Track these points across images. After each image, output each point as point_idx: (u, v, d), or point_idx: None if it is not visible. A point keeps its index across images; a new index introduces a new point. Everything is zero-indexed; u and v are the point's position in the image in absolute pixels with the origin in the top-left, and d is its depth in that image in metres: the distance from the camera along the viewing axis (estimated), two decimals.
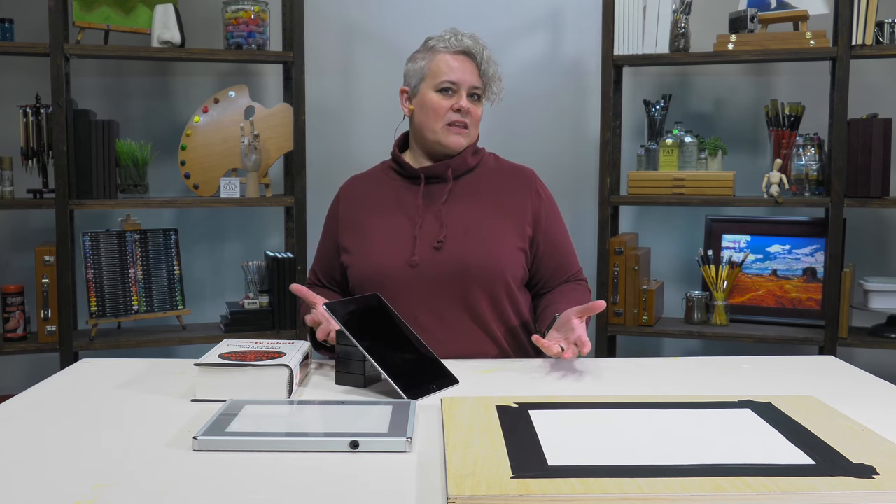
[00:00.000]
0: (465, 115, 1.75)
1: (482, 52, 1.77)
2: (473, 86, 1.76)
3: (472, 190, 1.79)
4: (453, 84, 1.75)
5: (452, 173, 1.78)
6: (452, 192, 1.77)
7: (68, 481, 1.03)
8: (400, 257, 1.71)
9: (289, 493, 1.00)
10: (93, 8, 2.82)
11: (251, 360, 1.42)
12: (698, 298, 2.99)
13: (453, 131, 1.75)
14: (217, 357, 1.44)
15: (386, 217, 1.78)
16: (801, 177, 2.88)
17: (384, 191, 1.82)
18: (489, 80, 1.78)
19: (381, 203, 1.80)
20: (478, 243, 1.71)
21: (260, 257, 3.13)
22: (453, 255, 1.70)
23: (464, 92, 1.75)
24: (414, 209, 1.76)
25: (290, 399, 1.39)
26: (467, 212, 1.75)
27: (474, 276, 1.69)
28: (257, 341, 1.57)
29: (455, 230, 1.72)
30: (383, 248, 1.73)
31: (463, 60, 1.76)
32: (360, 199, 1.84)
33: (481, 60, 1.76)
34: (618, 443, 1.11)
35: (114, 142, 2.82)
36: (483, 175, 1.81)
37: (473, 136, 1.80)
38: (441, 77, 1.75)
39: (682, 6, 2.90)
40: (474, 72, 1.76)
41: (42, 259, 2.77)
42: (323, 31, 3.23)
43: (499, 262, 1.71)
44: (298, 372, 1.46)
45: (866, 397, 1.44)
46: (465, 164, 1.79)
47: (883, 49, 2.74)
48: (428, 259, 1.70)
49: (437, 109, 1.75)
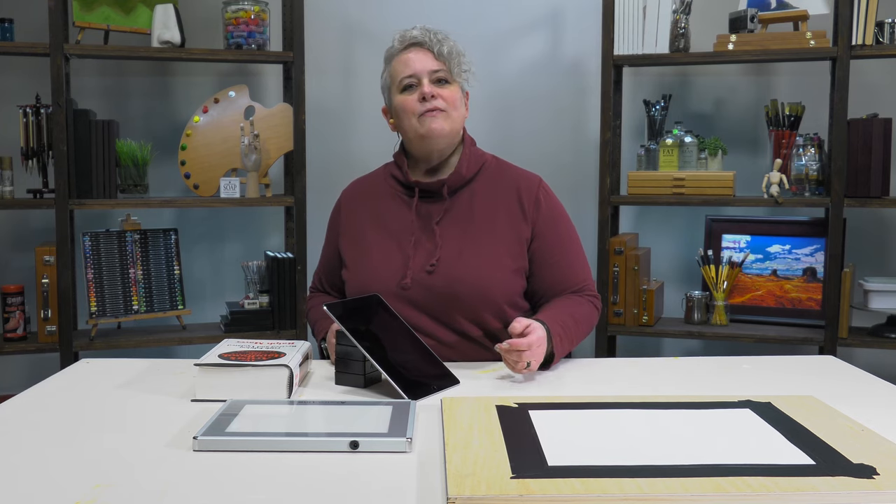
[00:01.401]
0: (432, 101, 1.70)
1: (431, 36, 1.73)
2: (432, 70, 1.72)
3: (468, 207, 1.74)
4: (412, 77, 1.72)
5: (448, 190, 1.74)
6: (448, 210, 1.74)
7: (68, 481, 1.03)
8: (392, 279, 1.69)
9: (289, 493, 1.00)
10: (93, 8, 2.82)
11: (251, 360, 1.42)
12: (698, 298, 2.99)
13: (427, 117, 1.70)
14: (217, 357, 1.44)
15: (382, 232, 1.75)
16: (801, 177, 2.88)
17: (383, 201, 1.79)
18: (447, 59, 1.72)
19: (378, 216, 1.78)
20: (470, 268, 1.67)
21: (260, 257, 3.13)
22: (445, 280, 1.67)
23: (425, 80, 1.71)
24: (409, 225, 1.73)
25: (290, 399, 1.39)
26: (462, 232, 1.71)
27: (465, 302, 1.66)
28: (257, 341, 1.57)
29: (449, 252, 1.69)
30: (376, 268, 1.71)
31: (415, 51, 1.73)
32: (359, 209, 1.81)
33: (433, 43, 1.72)
34: (618, 443, 1.12)
35: (114, 142, 2.82)
36: (481, 188, 1.76)
37: (455, 118, 1.73)
38: (399, 77, 1.73)
39: (682, 6, 2.90)
40: (428, 57, 1.72)
41: (42, 259, 2.77)
42: (323, 31, 3.23)
43: (490, 288, 1.67)
44: (298, 372, 1.46)
45: (866, 397, 1.44)
46: (461, 177, 1.75)
47: (883, 49, 2.74)
48: (419, 282, 1.68)
49: (406, 108, 1.72)
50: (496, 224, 1.73)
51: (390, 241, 1.73)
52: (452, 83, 1.74)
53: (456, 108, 1.73)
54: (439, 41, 1.73)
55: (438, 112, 1.70)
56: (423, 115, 1.70)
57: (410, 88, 1.72)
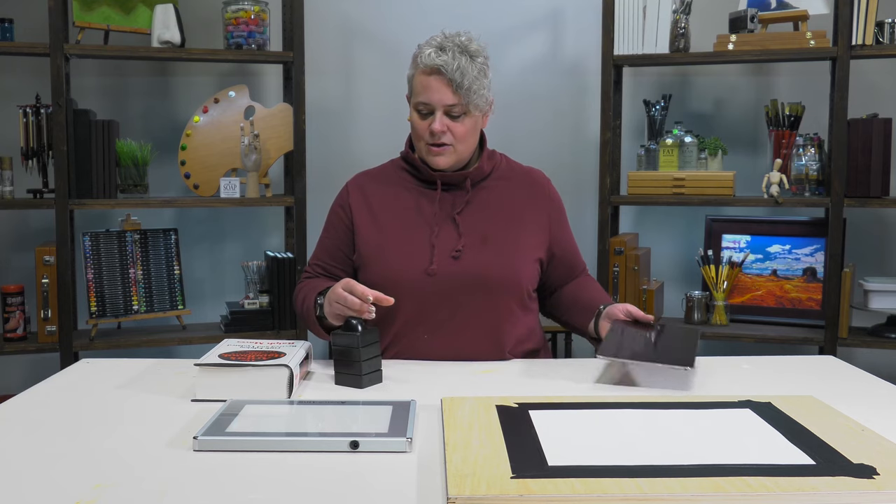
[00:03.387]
0: (441, 137, 1.69)
1: (456, 65, 1.65)
2: (447, 104, 1.68)
3: (489, 197, 1.77)
4: (426, 105, 1.70)
5: (470, 182, 1.77)
6: (470, 201, 1.76)
7: (68, 481, 1.03)
8: (417, 266, 1.69)
9: (289, 493, 1.00)
10: (93, 8, 2.82)
11: (251, 360, 1.42)
12: (698, 298, 2.99)
13: (433, 152, 1.71)
14: (217, 357, 1.44)
15: (402, 221, 1.75)
16: (801, 177, 2.88)
17: (399, 192, 1.79)
18: (466, 92, 1.67)
19: (396, 205, 1.78)
20: (496, 254, 1.71)
21: (260, 257, 3.12)
22: (471, 266, 1.69)
23: (438, 112, 1.68)
24: (431, 216, 1.74)
25: (290, 399, 1.39)
26: (484, 220, 1.74)
27: (492, 287, 1.69)
28: (257, 341, 1.57)
29: (472, 239, 1.72)
30: (400, 255, 1.71)
31: (435, 79, 1.67)
32: (372, 198, 1.80)
33: (453, 73, 1.65)
34: (618, 443, 1.11)
35: (114, 142, 2.82)
36: (498, 181, 1.80)
37: (462, 151, 1.73)
38: (416, 97, 1.71)
39: (682, 6, 2.90)
40: (446, 89, 1.67)
41: (42, 259, 2.77)
42: (323, 31, 3.23)
43: (516, 273, 1.71)
44: (299, 372, 1.46)
45: (866, 397, 1.44)
46: (482, 172, 1.78)
47: (883, 49, 2.74)
48: (446, 269, 1.69)
49: (416, 129, 1.72)
50: (517, 213, 1.77)
51: (413, 230, 1.74)
52: (468, 115, 1.71)
53: (465, 140, 1.72)
54: (461, 71, 1.66)
55: (445, 148, 1.71)
56: (431, 147, 1.71)
57: (422, 112, 1.71)
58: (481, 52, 1.72)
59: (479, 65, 1.69)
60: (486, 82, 1.72)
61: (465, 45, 1.69)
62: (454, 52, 1.67)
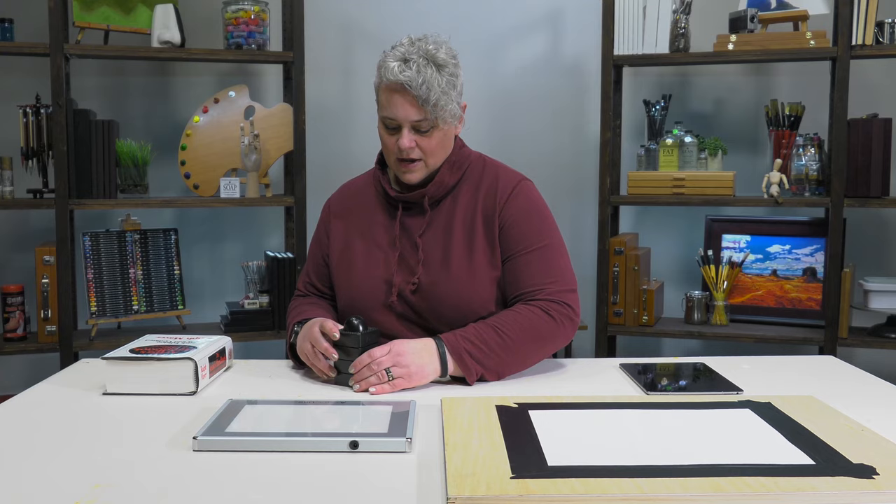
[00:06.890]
0: (410, 153, 1.63)
1: (421, 80, 1.56)
2: (414, 120, 1.59)
3: (449, 217, 1.70)
4: (392, 120, 1.61)
5: (429, 201, 1.69)
6: (430, 223, 1.70)
7: (68, 481, 1.03)
8: (378, 296, 1.68)
9: (289, 493, 1.00)
10: (93, 8, 2.82)
11: (161, 353, 1.46)
12: (698, 298, 2.99)
13: (403, 168, 1.66)
14: (128, 352, 1.48)
15: (368, 243, 1.72)
16: (801, 177, 2.88)
17: (369, 211, 1.76)
18: (433, 108, 1.57)
19: (364, 226, 1.75)
20: (453, 280, 1.65)
21: (260, 257, 3.12)
22: (428, 297, 1.65)
23: (405, 129, 1.60)
24: (393, 239, 1.70)
25: (195, 391, 1.39)
26: (444, 242, 1.68)
27: (450, 317, 1.65)
28: (179, 336, 1.60)
29: (432, 266, 1.67)
30: (362, 287, 1.70)
31: (401, 94, 1.58)
32: (346, 219, 1.78)
33: (418, 89, 1.55)
34: (618, 443, 1.12)
35: (114, 142, 2.82)
36: (463, 193, 1.72)
37: (434, 164, 1.67)
38: (382, 111, 1.64)
39: (682, 6, 2.90)
40: (411, 106, 1.58)
41: (42, 259, 2.77)
42: (323, 31, 3.23)
43: (471, 302, 1.65)
44: (207, 364, 1.48)
45: (866, 397, 1.44)
46: (443, 186, 1.70)
47: (883, 49, 2.74)
48: (405, 299, 1.67)
49: (385, 143, 1.66)
50: (475, 231, 1.68)
51: (377, 253, 1.71)
52: (436, 128, 1.62)
53: (435, 154, 1.65)
54: (427, 86, 1.56)
55: (416, 164, 1.65)
56: (401, 163, 1.65)
57: (389, 127, 1.64)
58: (449, 60, 1.60)
59: (446, 76, 1.59)
60: (454, 94, 1.62)
61: (433, 54, 1.58)
62: (419, 65, 1.56)
